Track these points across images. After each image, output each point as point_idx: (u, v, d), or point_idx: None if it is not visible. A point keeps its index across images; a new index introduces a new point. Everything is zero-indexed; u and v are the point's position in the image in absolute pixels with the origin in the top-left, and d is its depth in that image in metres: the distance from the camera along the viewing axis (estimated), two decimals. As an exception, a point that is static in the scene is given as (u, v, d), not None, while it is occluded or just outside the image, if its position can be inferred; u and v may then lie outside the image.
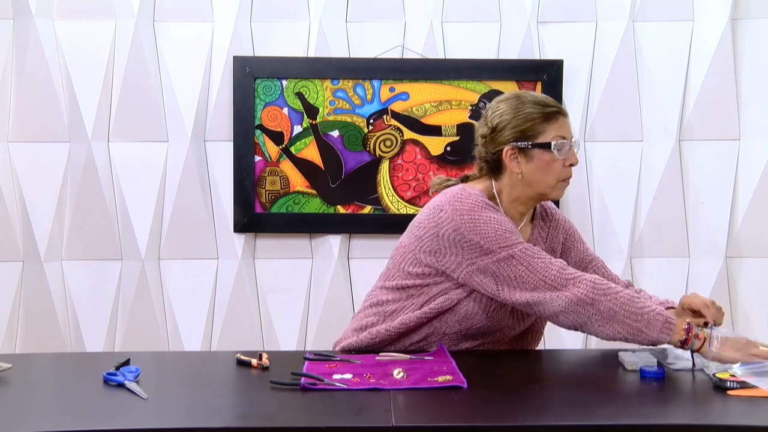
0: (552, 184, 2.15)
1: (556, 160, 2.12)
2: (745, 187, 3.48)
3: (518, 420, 1.71)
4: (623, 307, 2.00)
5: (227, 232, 3.49)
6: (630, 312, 2.00)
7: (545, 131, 2.12)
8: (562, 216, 2.34)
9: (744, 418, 1.71)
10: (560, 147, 2.11)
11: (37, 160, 3.42)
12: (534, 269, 2.06)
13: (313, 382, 1.85)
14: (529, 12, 3.46)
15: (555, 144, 2.11)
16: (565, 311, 2.03)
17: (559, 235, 2.30)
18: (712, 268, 3.49)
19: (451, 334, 2.18)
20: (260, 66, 3.43)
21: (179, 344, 3.52)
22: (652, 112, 3.50)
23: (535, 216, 2.28)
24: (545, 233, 2.27)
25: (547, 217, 2.31)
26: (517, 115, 2.13)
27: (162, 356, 2.75)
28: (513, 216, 2.19)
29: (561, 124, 2.13)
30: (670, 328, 1.99)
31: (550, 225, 2.29)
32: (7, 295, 3.42)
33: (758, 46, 3.47)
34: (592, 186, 3.53)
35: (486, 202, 2.13)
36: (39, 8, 3.37)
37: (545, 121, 2.12)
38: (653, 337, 2.00)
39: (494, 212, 2.11)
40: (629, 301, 2.01)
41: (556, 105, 2.16)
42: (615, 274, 2.37)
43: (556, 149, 2.11)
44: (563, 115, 2.15)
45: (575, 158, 2.15)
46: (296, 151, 3.47)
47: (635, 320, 2.00)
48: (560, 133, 2.12)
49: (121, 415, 1.73)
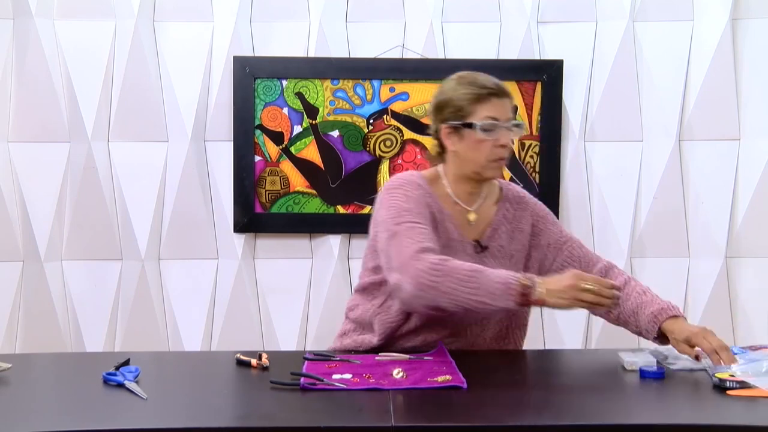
0: (483, 164, 2.17)
1: (484, 140, 2.14)
2: (745, 187, 3.48)
3: (518, 420, 1.71)
4: (464, 285, 1.97)
5: (227, 232, 3.49)
6: (472, 288, 1.97)
7: (476, 112, 2.14)
8: (533, 200, 2.35)
9: (744, 418, 1.71)
10: (488, 128, 2.13)
11: (37, 160, 3.42)
12: (398, 250, 2.04)
13: (312, 382, 1.85)
14: (529, 12, 3.46)
15: (481, 124, 2.13)
16: (415, 296, 2.01)
17: (528, 217, 2.30)
18: (712, 268, 3.49)
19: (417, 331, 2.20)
20: (260, 66, 3.43)
21: (179, 344, 3.52)
22: (652, 112, 3.50)
23: (502, 198, 2.29)
24: (511, 215, 2.28)
25: (516, 200, 2.31)
26: (454, 95, 2.17)
27: (162, 356, 2.75)
28: (461, 196, 2.22)
29: (493, 105, 2.15)
30: (511, 293, 1.96)
31: (518, 207, 2.30)
32: (7, 295, 3.42)
33: (758, 46, 3.46)
34: (592, 186, 3.53)
35: (416, 183, 2.17)
36: (39, 8, 3.37)
37: (477, 101, 2.14)
38: (500, 306, 1.98)
39: (412, 190, 2.14)
40: (469, 278, 1.97)
41: (494, 86, 2.16)
42: (596, 255, 2.33)
43: (482, 129, 2.13)
44: (498, 96, 2.16)
45: (506, 139, 2.16)
46: (296, 151, 3.47)
47: (478, 295, 1.97)
48: (491, 114, 2.14)
49: (121, 415, 1.73)
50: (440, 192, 2.22)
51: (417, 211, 2.12)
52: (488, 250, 2.22)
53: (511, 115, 2.18)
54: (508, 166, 3.47)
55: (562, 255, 2.28)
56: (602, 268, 2.27)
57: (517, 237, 2.27)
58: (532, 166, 3.49)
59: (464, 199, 2.23)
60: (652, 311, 2.13)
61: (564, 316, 3.53)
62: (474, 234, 2.23)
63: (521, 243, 2.27)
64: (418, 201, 2.14)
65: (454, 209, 2.22)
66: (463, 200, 2.23)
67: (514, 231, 2.26)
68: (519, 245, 2.27)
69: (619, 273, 2.27)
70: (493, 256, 2.22)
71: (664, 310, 2.13)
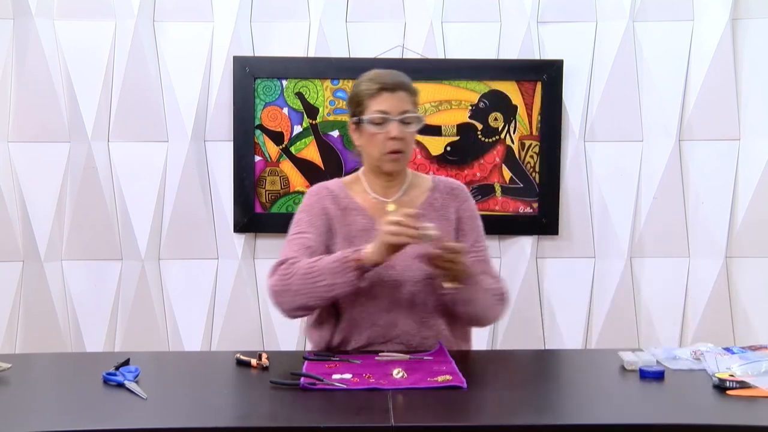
0: (378, 156, 2.26)
1: (375, 134, 2.23)
2: (745, 187, 3.48)
3: (518, 420, 1.71)
4: (308, 277, 2.13)
5: (227, 232, 3.49)
6: (315, 276, 2.12)
7: (369, 106, 2.24)
8: (466, 196, 2.39)
9: (744, 418, 1.71)
10: (377, 121, 2.22)
11: (37, 160, 3.42)
12: (280, 257, 2.22)
13: (312, 382, 1.86)
14: (529, 12, 3.46)
15: (369, 118, 2.22)
16: (278, 303, 2.19)
17: (454, 208, 2.35)
18: (712, 268, 3.49)
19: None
20: (260, 66, 3.43)
21: (179, 344, 3.52)
22: (652, 112, 3.50)
23: (433, 188, 2.35)
24: (439, 203, 2.34)
25: (447, 190, 2.36)
26: (356, 91, 2.29)
27: (162, 356, 2.76)
28: (377, 189, 2.32)
29: (384, 99, 2.23)
30: (347, 264, 2.10)
31: (447, 197, 2.36)
32: (7, 295, 3.42)
33: (758, 46, 3.46)
34: (592, 186, 3.53)
35: (315, 191, 2.33)
36: (39, 8, 3.37)
37: (370, 97, 2.24)
38: (346, 280, 2.10)
39: (309, 199, 2.31)
40: (310, 269, 2.13)
41: (387, 81, 2.24)
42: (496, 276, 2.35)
43: (371, 123, 2.22)
44: (389, 90, 2.23)
45: (397, 132, 2.22)
46: (296, 151, 3.47)
47: (323, 279, 2.11)
48: (381, 108, 2.22)
49: (121, 415, 1.73)
50: (358, 189, 2.34)
51: (306, 220, 2.28)
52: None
53: (407, 108, 2.24)
54: (509, 166, 3.47)
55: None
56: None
57: (443, 224, 2.29)
58: (532, 166, 3.49)
59: (380, 192, 2.32)
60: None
61: (564, 316, 3.54)
62: None
63: (446, 231, 2.28)
64: (311, 208, 2.30)
65: (371, 202, 2.31)
66: (379, 193, 2.32)
67: (439, 219, 2.30)
68: (444, 231, 2.26)
69: (493, 282, 2.30)
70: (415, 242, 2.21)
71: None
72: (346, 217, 2.29)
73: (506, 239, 3.53)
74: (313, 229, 2.27)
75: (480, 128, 3.47)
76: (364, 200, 2.32)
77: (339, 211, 2.30)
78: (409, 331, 2.22)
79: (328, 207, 2.30)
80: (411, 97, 2.26)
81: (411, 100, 2.26)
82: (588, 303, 3.55)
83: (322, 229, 2.27)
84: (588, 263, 3.54)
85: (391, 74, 2.27)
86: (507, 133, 3.48)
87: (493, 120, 3.47)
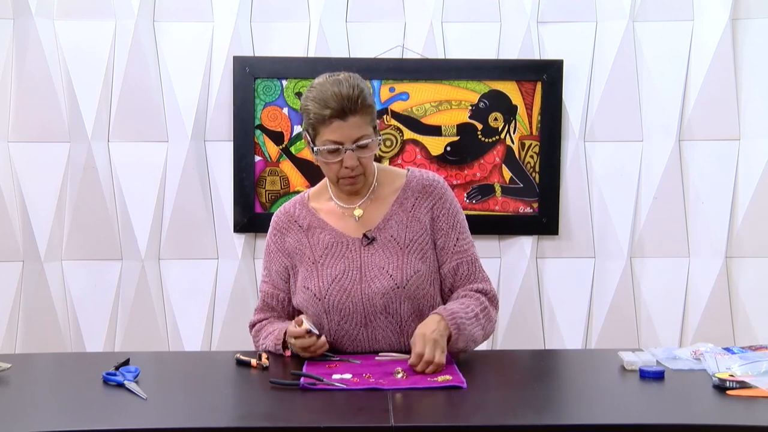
0: (334, 180, 2.18)
1: (329, 162, 2.12)
2: (745, 187, 3.48)
3: (518, 420, 1.71)
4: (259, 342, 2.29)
5: (227, 232, 3.49)
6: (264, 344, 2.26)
7: (320, 133, 2.09)
8: (441, 192, 2.24)
9: (744, 418, 1.71)
10: (331, 151, 2.08)
11: (37, 160, 3.42)
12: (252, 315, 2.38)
13: (312, 382, 1.86)
14: (529, 12, 3.46)
15: (322, 149, 2.10)
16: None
17: (427, 208, 2.22)
18: (712, 268, 3.49)
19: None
20: (260, 66, 3.43)
21: (179, 344, 3.52)
22: (652, 112, 3.50)
23: (403, 186, 2.24)
24: (409, 204, 2.22)
25: (419, 189, 2.23)
26: (307, 107, 2.10)
27: (162, 356, 2.76)
28: (341, 198, 2.25)
29: (337, 128, 2.06)
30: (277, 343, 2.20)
31: (419, 197, 2.22)
32: (7, 295, 3.42)
33: (758, 46, 3.46)
34: (592, 186, 3.53)
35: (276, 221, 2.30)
36: (39, 8, 3.37)
37: (321, 123, 2.08)
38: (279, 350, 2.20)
39: (271, 237, 2.30)
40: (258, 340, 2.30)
41: (336, 108, 2.05)
42: (482, 277, 2.24)
43: (320, 155, 2.11)
44: (341, 118, 2.05)
45: (350, 161, 2.09)
46: (296, 151, 3.47)
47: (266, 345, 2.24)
48: (333, 138, 2.07)
49: (121, 415, 1.73)
50: (324, 198, 2.27)
51: (266, 265, 2.32)
52: (376, 242, 2.19)
53: (362, 134, 2.08)
54: (509, 166, 3.47)
55: (449, 265, 2.22)
56: (463, 293, 2.20)
57: (414, 227, 2.20)
58: (532, 166, 3.49)
59: (345, 201, 2.24)
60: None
61: (564, 316, 3.54)
62: (364, 228, 2.21)
63: (418, 233, 2.20)
64: (269, 250, 2.30)
65: (337, 213, 2.24)
66: (344, 201, 2.24)
67: (410, 221, 2.21)
68: (416, 235, 2.20)
69: (475, 299, 2.18)
70: (383, 247, 2.18)
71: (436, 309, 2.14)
72: (310, 237, 2.23)
73: (506, 239, 3.53)
74: (270, 278, 2.30)
75: (480, 128, 3.47)
76: (329, 211, 2.25)
77: (302, 233, 2.24)
78: (390, 340, 2.18)
79: (287, 240, 2.26)
80: (365, 117, 2.08)
81: (366, 120, 2.09)
82: (588, 303, 3.55)
83: (281, 271, 2.28)
84: (588, 263, 3.54)
85: (339, 95, 2.05)
86: (507, 133, 3.48)
87: (493, 120, 3.47)
